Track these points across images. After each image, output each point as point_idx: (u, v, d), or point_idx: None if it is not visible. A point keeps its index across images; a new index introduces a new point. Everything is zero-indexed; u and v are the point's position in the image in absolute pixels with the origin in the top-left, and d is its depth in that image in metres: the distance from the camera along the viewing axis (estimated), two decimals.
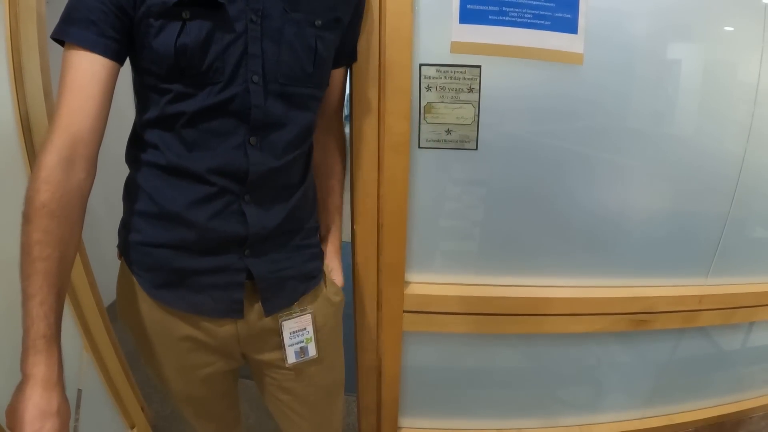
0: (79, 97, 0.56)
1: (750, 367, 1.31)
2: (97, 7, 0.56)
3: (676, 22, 0.92)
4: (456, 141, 0.92)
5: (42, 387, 0.51)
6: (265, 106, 0.63)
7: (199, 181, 0.64)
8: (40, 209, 0.53)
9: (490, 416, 1.21)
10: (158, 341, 0.72)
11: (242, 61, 0.61)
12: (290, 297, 0.74)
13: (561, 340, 1.13)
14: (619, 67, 0.92)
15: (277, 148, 0.66)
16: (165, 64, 0.59)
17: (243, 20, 0.60)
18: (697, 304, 1.11)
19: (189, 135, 0.62)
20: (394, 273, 0.98)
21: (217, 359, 0.75)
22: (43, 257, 0.52)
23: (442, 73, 0.87)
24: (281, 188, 0.70)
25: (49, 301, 0.53)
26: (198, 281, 0.67)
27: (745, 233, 1.11)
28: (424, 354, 1.11)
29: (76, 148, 0.56)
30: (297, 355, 0.76)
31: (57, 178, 0.54)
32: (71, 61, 0.57)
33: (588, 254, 1.05)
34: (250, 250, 0.68)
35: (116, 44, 0.58)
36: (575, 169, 0.98)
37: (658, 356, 1.22)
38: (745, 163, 1.02)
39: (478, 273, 1.04)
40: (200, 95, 0.60)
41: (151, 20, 0.58)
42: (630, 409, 1.27)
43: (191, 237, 0.65)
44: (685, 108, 0.98)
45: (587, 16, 0.86)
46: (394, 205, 0.93)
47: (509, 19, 0.85)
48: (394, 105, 0.87)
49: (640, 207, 1.04)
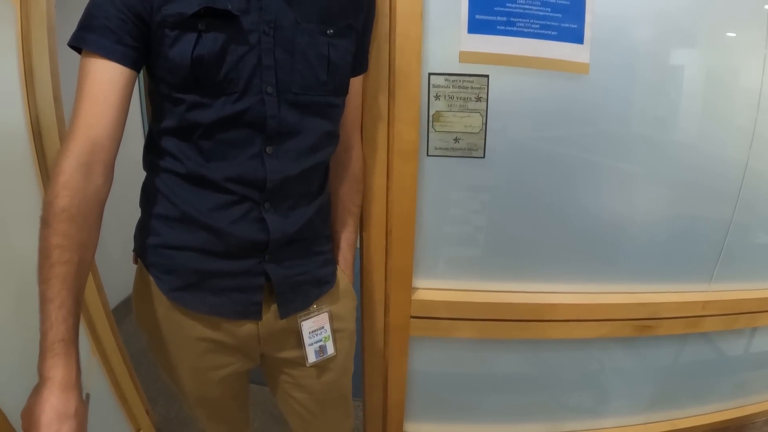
0: (97, 104, 0.57)
1: (753, 372, 1.31)
2: (115, 15, 0.56)
3: (680, 28, 0.93)
4: (464, 149, 0.93)
5: (59, 390, 0.51)
6: (280, 115, 0.64)
7: (219, 189, 0.64)
8: (60, 214, 0.53)
9: (494, 421, 1.21)
10: (175, 343, 0.72)
11: (256, 72, 0.62)
12: (304, 301, 0.75)
13: (565, 346, 1.13)
14: (623, 74, 0.92)
15: (293, 156, 0.67)
16: (181, 74, 0.59)
17: (256, 32, 0.61)
18: (701, 310, 1.11)
19: (206, 145, 0.63)
20: (402, 279, 0.99)
21: (236, 360, 0.75)
22: (62, 261, 0.53)
23: (450, 82, 0.88)
24: (300, 196, 0.71)
25: (68, 304, 0.53)
26: (218, 284, 0.68)
27: (749, 239, 1.11)
28: (429, 359, 1.12)
29: (94, 154, 0.56)
30: (317, 354, 0.77)
31: (76, 184, 0.55)
32: (89, 69, 0.57)
33: (592, 260, 1.06)
34: (269, 256, 0.69)
35: (134, 52, 0.58)
36: (580, 176, 0.98)
37: (662, 362, 1.22)
38: (748, 168, 1.03)
39: (483, 279, 1.04)
40: (215, 106, 0.61)
41: (166, 30, 0.58)
42: (634, 415, 1.27)
43: (213, 240, 0.66)
44: (688, 114, 0.98)
45: (593, 27, 0.87)
46: (402, 212, 0.94)
47: (517, 30, 0.86)
48: (403, 113, 0.88)
49: (643, 213, 1.05)
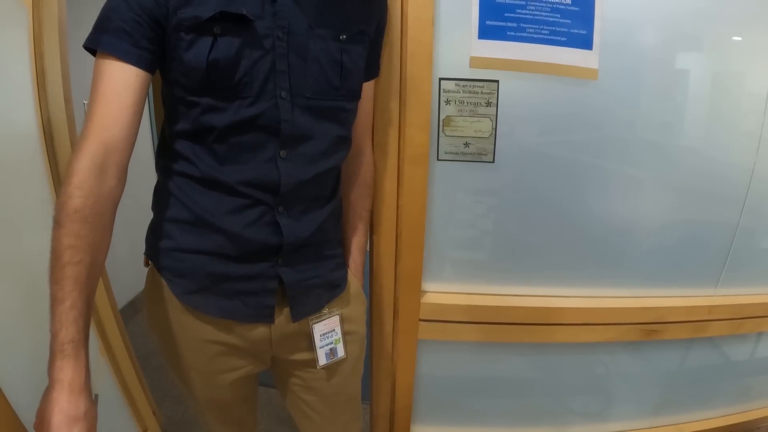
0: (111, 105, 0.57)
1: (759, 376, 1.31)
2: (130, 18, 0.56)
3: (687, 33, 0.93)
4: (474, 153, 0.93)
5: (69, 391, 0.51)
6: (293, 119, 0.64)
7: (233, 193, 0.65)
8: (73, 214, 0.53)
9: (501, 424, 1.21)
10: (186, 346, 0.72)
11: (270, 76, 0.62)
12: (315, 304, 0.75)
13: (572, 350, 1.13)
14: (631, 79, 0.93)
15: (307, 161, 0.67)
16: (196, 77, 0.60)
17: (270, 37, 0.61)
18: (707, 314, 1.11)
19: (220, 149, 0.63)
20: (412, 282, 0.99)
21: (247, 363, 0.75)
22: (74, 262, 0.52)
23: (461, 87, 0.89)
24: (313, 200, 0.71)
25: (79, 305, 0.52)
26: (231, 287, 0.68)
27: (755, 243, 1.12)
28: (437, 362, 1.12)
29: (108, 156, 0.56)
30: (327, 356, 0.77)
31: (90, 184, 0.54)
32: (104, 70, 0.57)
33: (599, 264, 1.06)
34: (283, 260, 0.69)
35: (149, 54, 0.59)
36: (588, 180, 0.99)
37: (668, 366, 1.22)
38: (754, 173, 1.03)
39: (492, 282, 1.05)
40: (230, 109, 0.61)
41: (182, 34, 0.58)
42: (639, 419, 1.27)
43: (227, 244, 0.66)
44: (695, 118, 0.99)
45: (602, 33, 0.87)
46: (412, 216, 0.94)
47: (527, 35, 0.86)
48: (414, 118, 0.88)
49: (650, 217, 1.05)
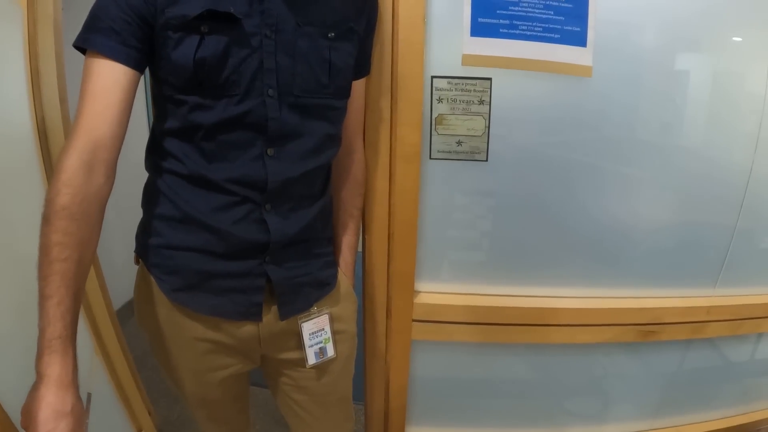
0: (100, 103, 0.57)
1: (757, 378, 1.30)
2: (119, 17, 0.57)
3: (684, 32, 0.92)
4: (466, 152, 0.93)
5: (56, 387, 0.52)
6: (281, 117, 0.64)
7: (220, 190, 0.65)
8: (60, 211, 0.54)
9: (496, 425, 1.20)
10: (176, 344, 0.72)
11: (258, 74, 0.62)
12: (304, 303, 0.75)
13: (568, 351, 1.13)
14: (627, 79, 0.92)
15: (295, 159, 0.67)
16: (183, 75, 0.60)
17: (258, 35, 0.61)
18: (705, 315, 1.10)
19: (208, 147, 0.63)
20: (404, 282, 0.99)
21: (237, 361, 0.75)
22: (61, 259, 0.53)
23: (453, 85, 0.88)
24: (301, 198, 0.71)
25: (66, 302, 0.53)
26: (219, 284, 0.68)
27: (753, 244, 1.11)
28: (431, 363, 1.11)
29: (96, 153, 0.57)
30: (317, 356, 0.77)
31: (78, 182, 0.55)
32: (93, 69, 0.58)
33: (596, 265, 1.05)
34: (270, 257, 0.69)
35: (137, 53, 0.59)
36: (583, 179, 0.98)
37: (666, 367, 1.21)
38: (752, 173, 1.02)
39: (486, 282, 1.04)
40: (217, 107, 0.61)
41: (169, 32, 0.58)
42: (637, 420, 1.26)
43: (215, 241, 0.66)
44: (692, 119, 0.98)
45: (596, 30, 0.87)
46: (404, 215, 0.93)
47: (519, 33, 0.86)
48: (406, 116, 0.87)
49: (647, 218, 1.04)
